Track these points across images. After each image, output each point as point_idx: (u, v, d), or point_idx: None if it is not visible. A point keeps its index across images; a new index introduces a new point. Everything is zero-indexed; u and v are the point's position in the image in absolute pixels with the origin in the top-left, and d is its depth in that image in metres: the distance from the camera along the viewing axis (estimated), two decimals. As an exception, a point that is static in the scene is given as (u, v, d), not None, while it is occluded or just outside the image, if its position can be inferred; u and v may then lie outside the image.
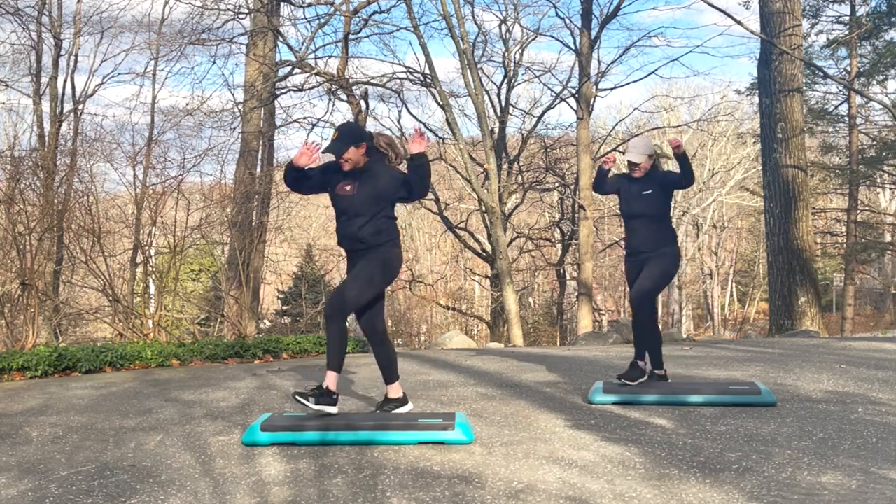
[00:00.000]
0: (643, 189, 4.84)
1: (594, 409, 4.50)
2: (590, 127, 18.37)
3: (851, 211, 21.97)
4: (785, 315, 12.80)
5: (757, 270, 32.84)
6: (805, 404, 4.48)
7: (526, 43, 20.46)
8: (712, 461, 3.39)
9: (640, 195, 4.84)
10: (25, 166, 8.70)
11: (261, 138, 15.21)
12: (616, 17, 17.62)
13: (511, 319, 14.20)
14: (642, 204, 4.83)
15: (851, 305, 22.58)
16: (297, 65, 15.86)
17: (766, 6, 13.42)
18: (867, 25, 19.73)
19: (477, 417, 4.30)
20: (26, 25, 15.55)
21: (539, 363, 6.52)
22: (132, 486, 3.24)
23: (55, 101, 15.98)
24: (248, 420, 4.34)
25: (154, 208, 8.55)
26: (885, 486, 3.00)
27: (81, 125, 15.39)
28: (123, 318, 8.28)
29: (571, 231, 21.58)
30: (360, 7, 16.45)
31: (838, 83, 20.99)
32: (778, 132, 13.07)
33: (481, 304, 31.69)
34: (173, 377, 6.14)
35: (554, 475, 3.23)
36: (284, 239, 16.71)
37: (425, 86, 17.70)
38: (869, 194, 29.31)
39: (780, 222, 13.00)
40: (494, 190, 14.91)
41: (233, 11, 15.70)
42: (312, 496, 3.06)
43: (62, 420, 4.51)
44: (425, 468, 3.37)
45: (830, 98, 22.72)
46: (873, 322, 33.61)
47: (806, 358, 6.39)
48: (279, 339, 8.18)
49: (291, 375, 6.16)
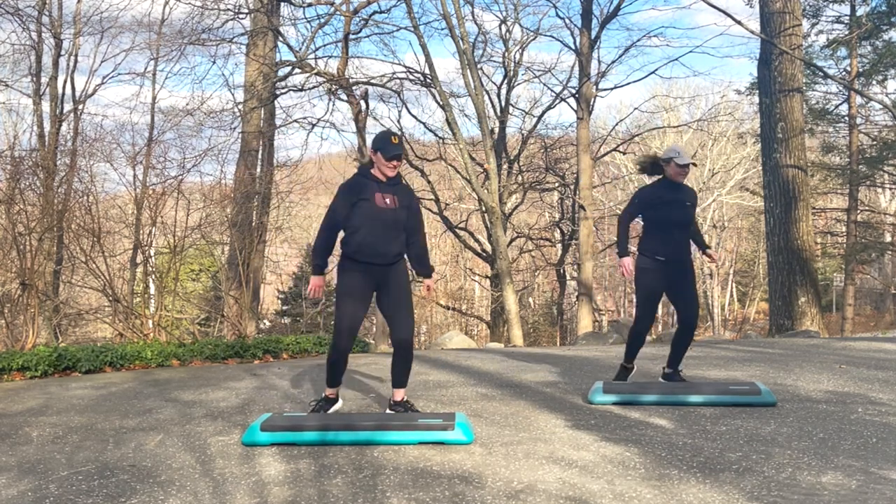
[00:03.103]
0: (687, 199, 4.86)
1: (594, 409, 4.50)
2: (590, 127, 18.36)
3: (851, 211, 21.96)
4: (785, 315, 12.79)
5: (757, 270, 32.84)
6: (805, 404, 4.48)
7: (526, 43, 20.47)
8: (712, 461, 3.38)
9: (684, 204, 4.83)
10: (25, 166, 8.70)
11: (261, 138, 15.21)
12: (616, 17, 17.63)
13: (511, 319, 14.20)
14: (685, 213, 4.83)
15: (851, 305, 22.56)
16: (297, 65, 15.85)
17: (766, 6, 13.41)
18: (867, 25, 19.72)
19: (477, 417, 4.29)
20: (26, 25, 15.56)
21: (539, 363, 6.52)
22: (132, 486, 3.24)
23: (55, 101, 15.99)
24: (247, 420, 4.34)
25: (154, 208, 8.55)
26: (885, 486, 3.00)
27: (81, 125, 15.41)
28: (123, 318, 8.28)
29: (571, 231, 21.57)
30: (360, 7, 16.45)
31: (838, 83, 20.99)
32: (778, 132, 13.06)
33: (481, 304, 31.69)
34: (173, 377, 6.14)
35: (554, 475, 3.23)
36: (284, 239, 16.70)
37: (425, 86, 17.70)
38: (869, 194, 29.30)
39: (780, 222, 12.99)
40: (494, 190, 14.90)
41: (233, 11, 15.70)
42: (312, 496, 3.05)
43: (62, 420, 4.51)
44: (425, 468, 3.37)
45: (830, 98, 22.72)
46: (873, 322, 33.60)
47: (806, 358, 6.39)
48: (279, 339, 8.18)
49: (291, 375, 6.16)
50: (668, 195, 4.83)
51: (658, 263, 4.80)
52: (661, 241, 4.81)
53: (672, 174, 4.83)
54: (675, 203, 4.82)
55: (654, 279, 4.82)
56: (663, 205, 4.81)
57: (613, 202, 33.18)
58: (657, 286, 4.85)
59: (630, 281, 5.10)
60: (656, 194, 4.85)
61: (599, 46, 18.17)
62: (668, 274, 4.80)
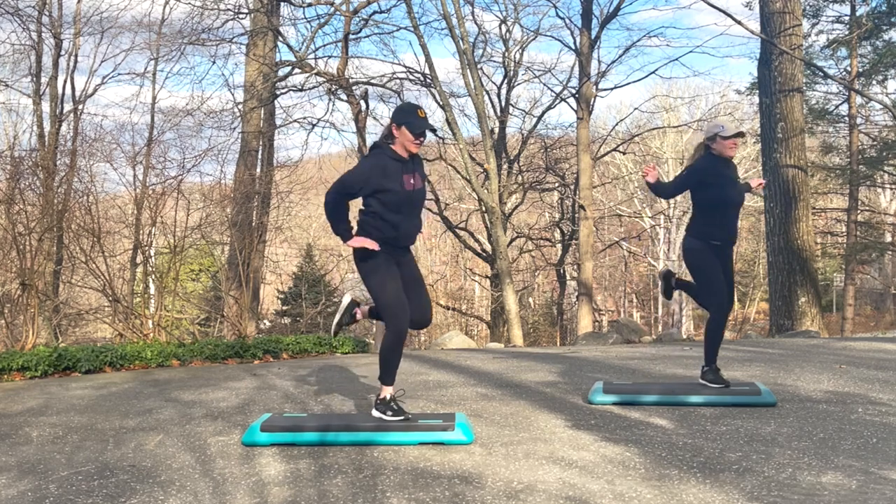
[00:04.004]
0: (735, 176, 4.55)
1: (594, 409, 4.49)
2: (590, 127, 18.37)
3: (851, 211, 21.96)
4: (785, 315, 12.78)
5: (757, 270, 32.82)
6: (805, 404, 4.48)
7: (526, 43, 20.48)
8: (712, 461, 3.38)
9: (735, 182, 4.55)
10: (25, 166, 8.69)
11: (261, 138, 15.23)
12: (616, 17, 17.65)
13: (511, 319, 14.20)
14: (738, 192, 4.57)
15: (851, 305, 22.56)
16: (297, 65, 15.87)
17: (766, 6, 13.41)
18: (867, 25, 19.71)
19: (477, 417, 4.29)
20: (26, 25, 15.58)
21: (539, 363, 6.52)
22: (132, 486, 3.24)
23: (55, 102, 16.01)
24: (247, 420, 4.34)
25: (154, 208, 8.54)
26: (885, 486, 3.00)
27: (81, 125, 15.43)
28: (123, 319, 8.28)
29: (571, 231, 21.57)
30: (360, 7, 16.47)
31: (838, 83, 20.99)
32: (778, 132, 13.06)
33: (481, 304, 31.68)
34: (173, 377, 6.14)
35: (554, 475, 3.23)
36: (284, 239, 16.71)
37: (425, 86, 17.70)
38: (869, 194, 29.30)
39: (780, 222, 12.99)
40: (494, 190, 14.91)
41: (233, 11, 15.72)
42: (312, 496, 3.05)
43: (62, 420, 4.51)
44: (425, 468, 3.37)
45: (830, 98, 22.73)
46: (873, 322, 33.59)
47: (806, 358, 6.39)
48: (279, 339, 8.18)
49: (291, 375, 6.16)
50: (722, 170, 4.50)
51: (714, 247, 4.55)
52: (719, 224, 4.54)
53: (721, 150, 4.50)
54: (728, 181, 4.51)
55: (712, 257, 4.55)
56: (719, 184, 4.48)
57: (613, 202, 33.19)
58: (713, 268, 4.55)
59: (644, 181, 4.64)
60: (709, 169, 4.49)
61: (599, 46, 18.19)
62: (720, 257, 4.57)
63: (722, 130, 4.50)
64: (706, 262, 4.55)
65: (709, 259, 4.54)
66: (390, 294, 3.78)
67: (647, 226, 35.29)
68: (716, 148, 4.54)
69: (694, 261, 4.58)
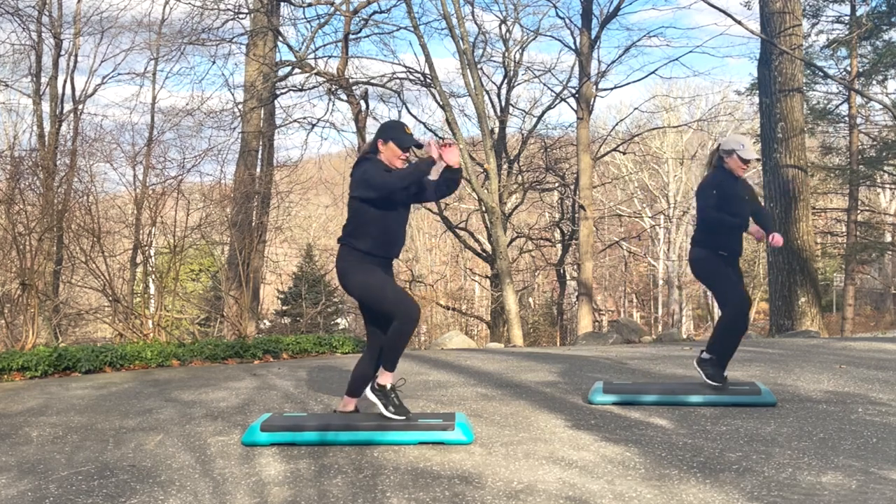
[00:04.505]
0: (745, 193, 4.62)
1: (594, 409, 4.50)
2: (590, 127, 18.37)
3: (851, 211, 21.95)
4: (785, 315, 12.78)
5: (757, 270, 32.81)
6: (805, 404, 4.48)
7: (526, 43, 20.46)
8: (712, 461, 3.38)
9: (744, 200, 4.60)
10: (25, 166, 8.69)
11: (261, 138, 15.22)
12: (616, 17, 17.66)
13: (511, 319, 14.20)
14: (745, 209, 4.61)
15: (851, 305, 22.55)
16: (297, 65, 15.87)
17: (766, 6, 13.41)
18: (867, 25, 19.71)
19: (477, 417, 4.29)
20: (26, 25, 15.57)
21: (539, 363, 6.52)
22: (132, 486, 3.24)
23: (55, 102, 15.99)
24: (247, 420, 4.34)
25: (154, 208, 8.54)
26: (885, 486, 3.00)
27: (81, 125, 15.41)
28: (123, 319, 8.28)
29: (571, 231, 21.57)
30: (360, 7, 16.47)
31: (838, 83, 20.98)
32: (778, 132, 13.06)
33: (481, 304, 31.67)
34: (173, 377, 6.14)
35: (554, 475, 3.23)
36: (284, 239, 16.70)
37: (425, 86, 17.71)
38: (869, 194, 29.30)
39: (780, 222, 12.96)
40: (494, 190, 14.91)
41: (233, 11, 15.71)
42: (312, 496, 3.05)
43: (62, 420, 4.51)
44: (425, 468, 3.37)
45: (830, 98, 22.72)
46: (873, 322, 33.60)
47: (806, 358, 6.39)
48: (279, 339, 8.18)
49: (291, 375, 6.16)
50: (734, 189, 4.53)
51: (724, 258, 4.59)
52: (726, 237, 4.58)
53: (733, 167, 4.55)
54: (738, 198, 4.54)
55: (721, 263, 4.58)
56: (732, 201, 4.50)
57: (613, 202, 33.20)
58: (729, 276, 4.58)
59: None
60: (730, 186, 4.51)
61: (599, 46, 18.19)
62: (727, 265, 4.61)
63: (742, 150, 4.51)
64: (716, 267, 4.59)
65: (718, 265, 4.58)
66: (392, 289, 3.82)
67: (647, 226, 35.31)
68: (729, 163, 4.57)
69: (704, 270, 4.63)
